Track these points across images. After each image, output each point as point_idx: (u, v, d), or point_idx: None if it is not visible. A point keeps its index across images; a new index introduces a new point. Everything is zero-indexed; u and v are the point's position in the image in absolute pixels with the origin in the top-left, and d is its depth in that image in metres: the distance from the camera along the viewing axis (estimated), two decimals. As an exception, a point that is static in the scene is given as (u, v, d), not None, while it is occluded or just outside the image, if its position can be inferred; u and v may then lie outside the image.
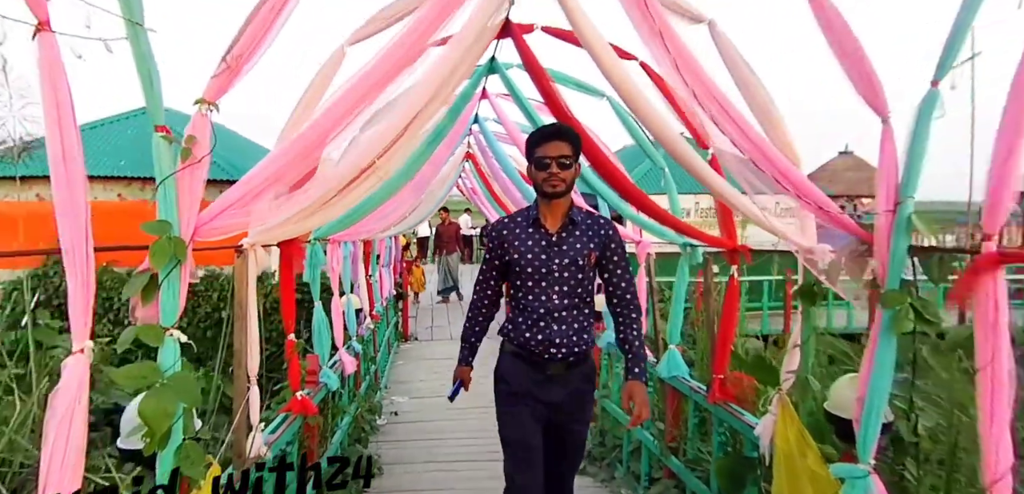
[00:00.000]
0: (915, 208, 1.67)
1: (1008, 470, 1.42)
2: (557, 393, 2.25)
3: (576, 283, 2.24)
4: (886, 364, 1.74)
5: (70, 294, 1.19)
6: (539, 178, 2.21)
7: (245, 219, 1.60)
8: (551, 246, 2.23)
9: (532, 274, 2.23)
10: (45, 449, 1.13)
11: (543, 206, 2.26)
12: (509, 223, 2.33)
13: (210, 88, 1.44)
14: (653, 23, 1.69)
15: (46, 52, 1.18)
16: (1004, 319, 1.47)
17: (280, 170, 1.51)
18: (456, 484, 3.97)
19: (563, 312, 2.23)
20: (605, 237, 2.28)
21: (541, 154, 2.19)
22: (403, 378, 7.07)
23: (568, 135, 2.23)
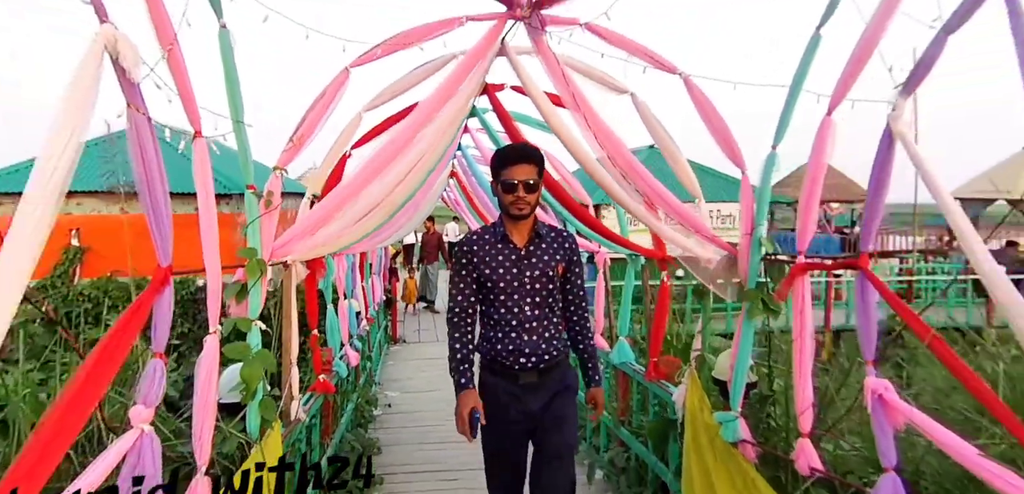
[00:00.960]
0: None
1: (809, 405, 2.17)
2: (533, 402, 2.29)
3: (547, 294, 2.32)
4: (748, 341, 2.50)
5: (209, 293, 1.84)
6: (506, 200, 2.25)
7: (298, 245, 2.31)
8: (521, 260, 2.30)
9: (504, 288, 2.29)
10: (196, 399, 1.80)
11: (509, 223, 2.32)
12: (478, 240, 2.36)
13: (282, 158, 2.15)
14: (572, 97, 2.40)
15: (139, 131, 1.73)
16: (809, 308, 2.23)
17: (326, 213, 2.20)
18: (446, 461, 4.66)
19: (533, 322, 2.29)
20: (570, 250, 2.40)
21: (508, 176, 2.23)
22: (394, 376, 7.74)
23: (533, 156, 2.28)
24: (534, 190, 2.26)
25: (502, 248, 2.31)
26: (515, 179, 2.22)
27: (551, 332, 2.34)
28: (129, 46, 1.40)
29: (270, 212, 2.12)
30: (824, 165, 2.17)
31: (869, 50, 1.93)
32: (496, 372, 2.33)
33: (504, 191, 2.25)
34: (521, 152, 2.31)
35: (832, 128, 2.12)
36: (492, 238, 2.34)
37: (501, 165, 2.28)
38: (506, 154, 2.31)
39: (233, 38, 1.90)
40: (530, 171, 2.24)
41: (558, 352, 2.35)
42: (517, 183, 2.22)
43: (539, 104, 2.71)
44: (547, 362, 2.30)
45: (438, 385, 7.16)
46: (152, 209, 1.54)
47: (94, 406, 1.40)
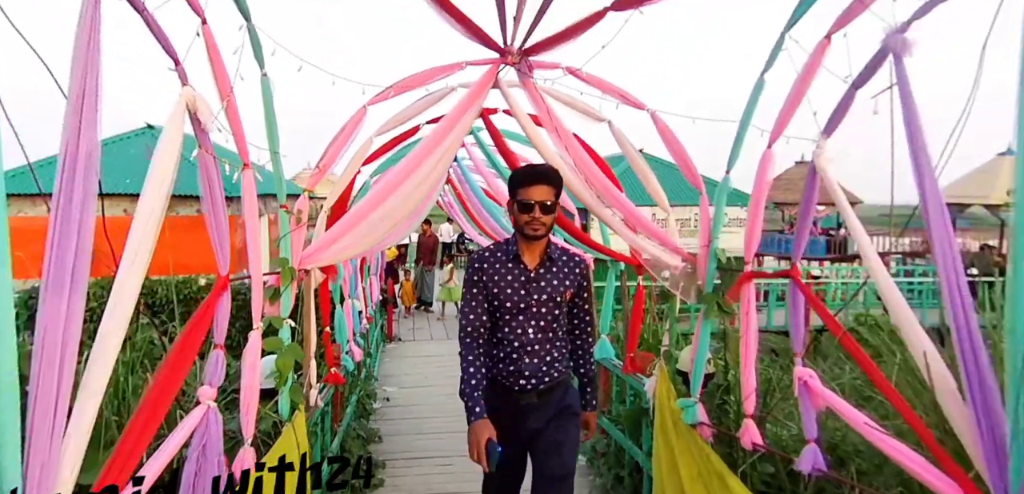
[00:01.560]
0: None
1: (752, 391, 2.59)
2: (533, 421, 2.29)
3: (552, 318, 2.30)
4: (705, 338, 2.91)
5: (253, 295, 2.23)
6: (522, 221, 2.23)
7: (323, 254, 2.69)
8: (530, 282, 2.28)
9: (511, 308, 2.27)
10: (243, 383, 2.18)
11: (522, 243, 2.30)
12: (490, 257, 2.34)
13: (309, 181, 2.54)
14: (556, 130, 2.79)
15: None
16: (753, 309, 2.64)
17: (349, 225, 2.59)
18: (442, 448, 5.06)
19: (536, 345, 2.28)
20: (580, 275, 2.38)
21: (525, 197, 2.21)
22: (390, 372, 8.13)
23: (551, 178, 2.25)
24: (550, 212, 2.23)
25: (512, 268, 2.29)
26: (532, 200, 2.20)
27: (553, 355, 2.32)
28: (204, 104, 1.79)
29: (299, 228, 2.51)
30: (766, 189, 2.58)
31: (799, 98, 2.34)
32: (496, 391, 2.31)
33: (520, 211, 2.22)
34: (539, 173, 2.27)
35: (772, 159, 2.54)
36: (504, 257, 2.32)
37: (518, 185, 2.24)
38: (524, 174, 2.27)
39: (273, 84, 2.29)
40: (548, 193, 2.22)
41: (559, 374, 2.34)
42: (534, 204, 2.20)
43: (526, 128, 3.08)
44: (547, 384, 2.30)
45: (433, 381, 7.57)
46: (216, 230, 1.93)
47: (179, 387, 1.78)
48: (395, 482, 4.38)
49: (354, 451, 4.46)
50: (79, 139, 1.33)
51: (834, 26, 2.19)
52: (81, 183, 1.30)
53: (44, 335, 1.26)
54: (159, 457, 1.67)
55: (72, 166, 1.30)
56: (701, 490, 2.72)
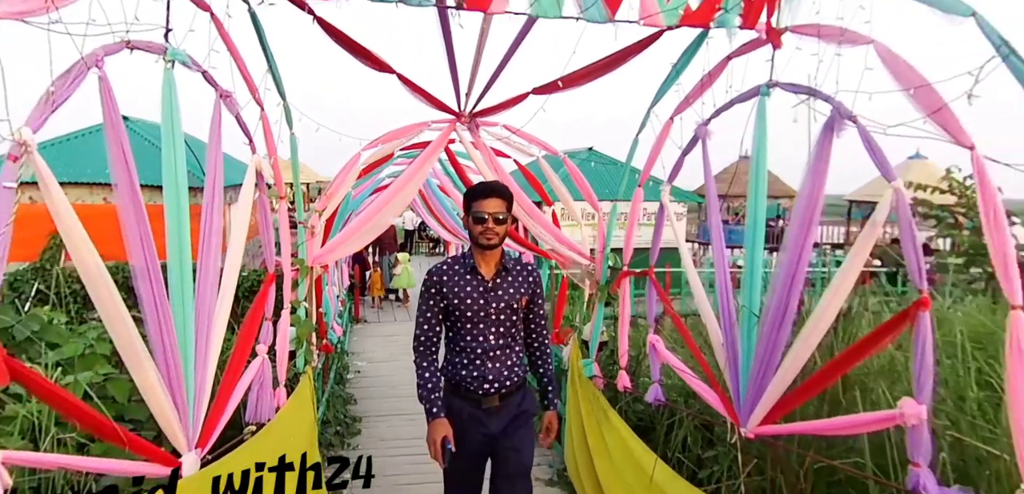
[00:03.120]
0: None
1: (626, 351, 3.79)
2: (495, 424, 2.43)
3: (511, 324, 2.45)
4: (600, 316, 4.11)
5: (285, 283, 3.28)
6: (476, 231, 2.39)
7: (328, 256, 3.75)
8: (487, 292, 2.42)
9: (471, 317, 2.40)
10: (279, 342, 3.23)
11: (478, 255, 2.44)
12: (447, 271, 2.47)
13: (318, 204, 3.58)
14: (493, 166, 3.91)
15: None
16: (627, 297, 3.84)
17: (349, 233, 3.64)
18: (408, 407, 6.15)
19: (497, 351, 2.42)
20: (533, 283, 2.54)
21: (478, 209, 2.38)
22: (359, 349, 9.15)
23: (503, 193, 2.42)
24: (503, 223, 2.40)
25: (470, 279, 2.44)
26: (486, 212, 2.37)
27: (513, 360, 2.48)
28: (267, 166, 2.83)
29: (313, 238, 3.57)
30: (637, 216, 3.75)
31: (654, 158, 3.52)
32: (461, 396, 2.45)
33: (474, 223, 2.39)
34: (492, 188, 2.45)
35: (640, 197, 3.73)
36: (461, 270, 2.47)
37: (473, 199, 2.42)
38: (478, 189, 2.45)
39: (297, 141, 3.33)
40: (500, 206, 2.39)
41: (518, 378, 2.50)
42: (487, 216, 2.37)
43: (474, 159, 4.24)
44: (508, 388, 2.45)
45: (397, 356, 8.63)
46: (266, 246, 2.98)
47: (251, 346, 2.83)
48: (369, 432, 5.47)
49: (338, 408, 5.52)
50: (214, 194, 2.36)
51: (674, 112, 3.35)
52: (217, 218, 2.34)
53: (199, 312, 2.30)
54: (243, 382, 2.72)
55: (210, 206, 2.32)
56: (593, 424, 3.92)
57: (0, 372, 1.49)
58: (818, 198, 2.46)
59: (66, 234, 1.76)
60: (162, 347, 2.02)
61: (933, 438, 2.08)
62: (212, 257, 2.31)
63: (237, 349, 2.71)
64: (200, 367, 2.22)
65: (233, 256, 2.59)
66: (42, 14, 1.53)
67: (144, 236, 1.99)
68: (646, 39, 2.80)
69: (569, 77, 3.06)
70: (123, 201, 1.96)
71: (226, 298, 2.46)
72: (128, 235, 1.97)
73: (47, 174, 1.66)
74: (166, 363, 2.04)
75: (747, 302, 2.73)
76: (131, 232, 1.96)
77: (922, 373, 2.06)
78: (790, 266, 2.50)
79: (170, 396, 2.05)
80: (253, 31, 2.69)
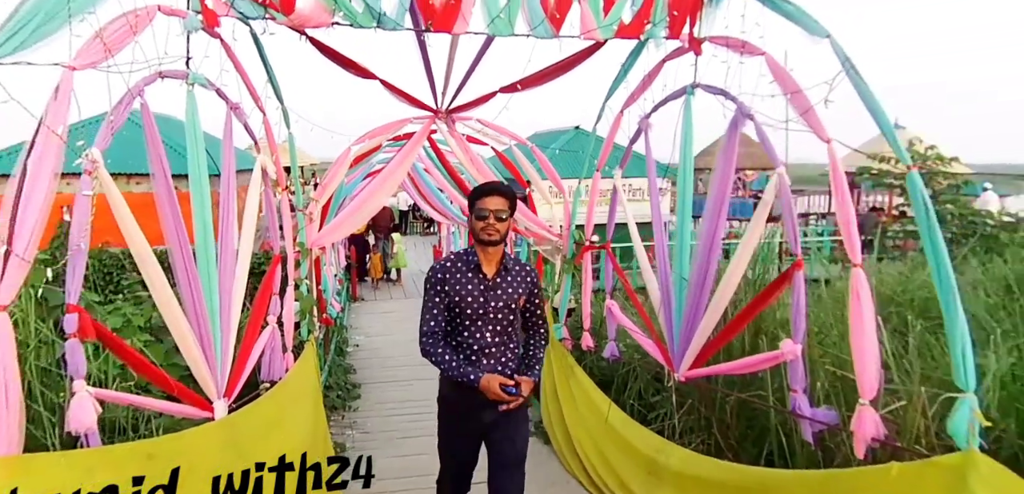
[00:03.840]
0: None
1: (588, 314, 4.34)
2: (488, 416, 2.47)
3: (508, 323, 2.51)
4: (567, 286, 4.65)
5: (289, 266, 3.80)
6: (478, 227, 2.45)
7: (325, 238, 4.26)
8: (488, 289, 2.47)
9: (470, 314, 2.46)
10: (285, 313, 3.77)
11: (481, 252, 2.49)
12: (450, 268, 2.53)
13: (317, 193, 4.09)
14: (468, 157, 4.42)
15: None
16: (589, 269, 4.38)
17: (344, 217, 4.14)
18: (402, 375, 6.73)
19: (493, 348, 2.48)
20: (531, 283, 2.60)
21: (481, 206, 2.45)
22: (356, 324, 9.72)
23: (505, 192, 2.49)
24: (504, 220, 2.46)
25: (472, 277, 2.50)
26: (487, 209, 2.45)
27: (508, 356, 2.55)
28: (271, 166, 3.34)
29: (311, 224, 4.09)
30: (595, 198, 4.27)
31: (609, 147, 4.02)
32: (457, 388, 2.48)
33: (477, 219, 2.46)
34: (494, 187, 2.54)
35: (598, 180, 4.24)
36: (464, 267, 2.52)
37: (476, 197, 2.50)
38: (481, 188, 2.54)
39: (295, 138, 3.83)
40: (502, 204, 2.46)
41: (513, 373, 2.55)
42: (489, 212, 2.44)
43: (454, 148, 4.76)
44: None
45: (391, 331, 9.20)
46: (272, 231, 3.49)
47: (263, 317, 3.35)
48: (368, 397, 6.04)
49: (339, 375, 6.09)
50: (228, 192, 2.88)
51: (623, 107, 3.85)
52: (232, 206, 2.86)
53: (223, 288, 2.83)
54: (257, 347, 3.26)
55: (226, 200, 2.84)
56: (563, 379, 4.48)
57: (87, 330, 2.02)
58: (728, 181, 2.99)
59: (122, 225, 2.27)
60: (195, 315, 2.55)
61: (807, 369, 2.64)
62: (230, 241, 2.83)
63: (252, 319, 3.24)
64: (224, 332, 2.75)
65: (246, 241, 3.11)
66: (103, 61, 2.03)
67: (179, 228, 2.51)
68: (589, 48, 3.30)
69: (527, 80, 3.55)
70: (161, 199, 2.48)
71: (242, 275, 3.00)
72: (166, 227, 2.49)
73: (109, 181, 2.17)
74: (198, 328, 2.57)
75: (678, 269, 3.27)
76: (168, 225, 2.49)
77: (797, 319, 2.61)
78: (708, 238, 3.04)
79: (203, 354, 2.59)
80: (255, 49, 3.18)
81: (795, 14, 2.51)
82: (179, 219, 2.51)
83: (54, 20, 1.78)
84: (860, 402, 2.32)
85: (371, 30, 2.85)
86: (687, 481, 3.08)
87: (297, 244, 4.03)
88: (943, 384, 2.45)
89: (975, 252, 7.96)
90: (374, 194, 4.22)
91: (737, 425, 3.38)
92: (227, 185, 2.88)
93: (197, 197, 2.62)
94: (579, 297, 4.80)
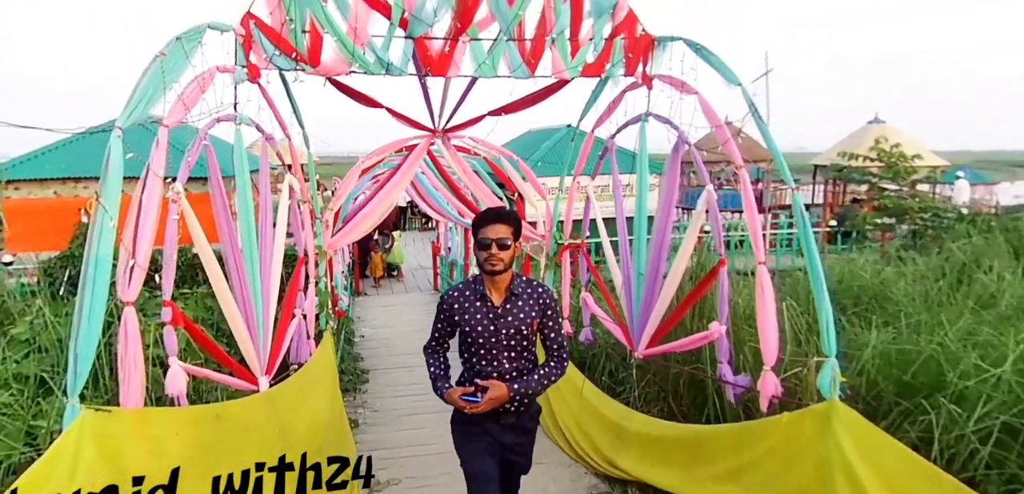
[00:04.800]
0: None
1: (567, 303, 5.03)
2: (509, 436, 2.50)
3: (522, 348, 2.46)
4: (551, 280, 5.33)
5: (310, 266, 4.48)
6: (481, 257, 2.42)
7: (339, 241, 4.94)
8: (497, 318, 2.42)
9: (483, 343, 2.43)
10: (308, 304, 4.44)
11: (487, 280, 2.46)
12: (458, 296, 2.51)
13: (332, 203, 4.75)
14: (462, 169, 5.10)
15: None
16: (567, 264, 5.06)
17: (355, 223, 4.81)
18: (407, 360, 7.41)
19: (513, 374, 2.43)
20: (543, 304, 2.50)
21: (483, 235, 2.40)
22: (360, 317, 10.41)
23: (507, 218, 2.45)
24: (507, 248, 2.40)
25: (480, 305, 2.46)
26: (489, 237, 2.39)
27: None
28: (297, 184, 4.01)
29: (327, 229, 4.76)
30: (573, 201, 4.94)
31: (582, 163, 4.70)
32: (480, 414, 2.43)
33: (479, 248, 2.42)
34: (496, 214, 2.49)
35: (575, 188, 4.91)
36: (472, 295, 2.49)
37: (478, 225, 2.45)
38: (483, 216, 2.49)
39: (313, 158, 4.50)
40: (504, 231, 2.40)
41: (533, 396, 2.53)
42: (491, 241, 2.38)
43: (449, 161, 5.44)
44: (525, 406, 2.51)
45: (393, 323, 9.90)
46: (297, 237, 4.17)
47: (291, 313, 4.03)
48: (375, 381, 6.74)
49: (349, 363, 6.78)
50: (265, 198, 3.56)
51: (592, 129, 4.51)
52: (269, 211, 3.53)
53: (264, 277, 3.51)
54: (288, 334, 3.94)
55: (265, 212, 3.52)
56: (546, 360, 5.17)
57: (177, 319, 2.70)
58: (673, 192, 3.68)
59: (194, 236, 2.93)
60: (243, 304, 3.23)
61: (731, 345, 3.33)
62: (268, 247, 3.52)
63: (284, 311, 3.92)
64: (265, 320, 3.44)
65: (278, 247, 3.79)
66: (185, 116, 2.70)
67: (231, 236, 3.19)
68: (559, 83, 3.96)
69: (508, 106, 4.22)
70: (218, 213, 3.16)
71: (276, 274, 3.68)
72: (222, 235, 3.17)
73: (188, 208, 2.84)
74: (246, 316, 3.25)
75: (636, 265, 3.96)
76: (224, 233, 3.17)
77: (722, 306, 3.30)
78: (658, 237, 3.74)
79: (251, 340, 3.27)
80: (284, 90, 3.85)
81: (716, 64, 3.19)
82: (232, 230, 3.19)
83: (157, 91, 2.45)
84: (764, 368, 3.01)
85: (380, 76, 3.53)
86: (645, 441, 3.78)
87: (316, 247, 4.71)
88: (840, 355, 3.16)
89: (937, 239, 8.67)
90: (381, 202, 4.90)
91: (687, 394, 4.07)
92: (265, 201, 3.55)
93: (243, 213, 3.30)
94: (560, 290, 5.49)
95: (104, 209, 2.13)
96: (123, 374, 2.29)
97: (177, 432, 2.57)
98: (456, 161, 4.97)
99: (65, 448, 1.92)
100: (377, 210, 4.94)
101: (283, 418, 3.46)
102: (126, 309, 2.31)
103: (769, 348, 2.99)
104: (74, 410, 1.98)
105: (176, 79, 2.64)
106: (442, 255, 12.81)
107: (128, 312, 2.31)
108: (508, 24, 3.52)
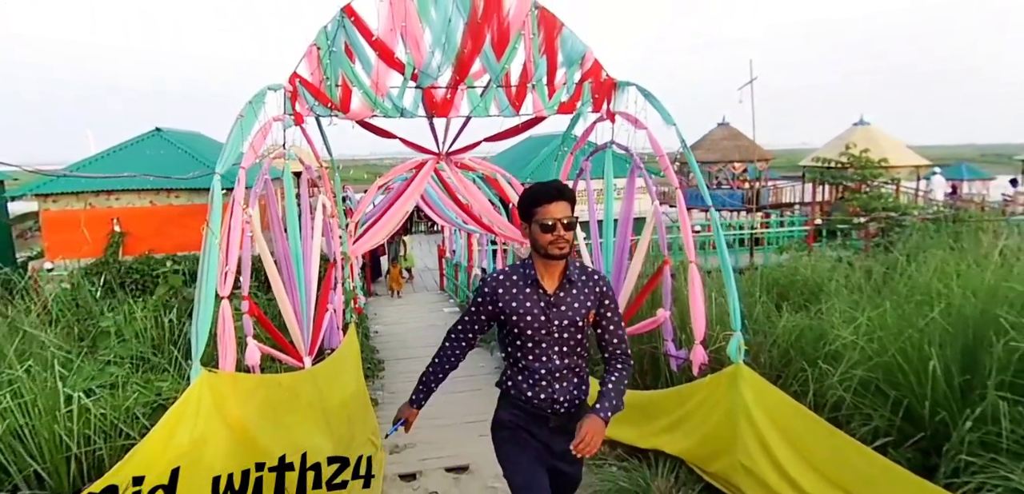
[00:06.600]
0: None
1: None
2: (559, 441, 2.26)
3: (575, 342, 2.24)
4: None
5: (338, 268, 5.41)
6: (544, 241, 2.15)
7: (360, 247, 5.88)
8: (549, 306, 2.21)
9: (532, 335, 2.21)
10: (335, 298, 5.38)
11: (540, 265, 2.23)
12: (504, 281, 2.27)
13: (354, 217, 5.68)
14: (464, 186, 6.03)
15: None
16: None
17: (375, 230, 5.74)
18: (418, 352, 8.35)
19: (565, 370, 2.23)
20: (600, 294, 2.27)
21: (544, 217, 2.14)
22: (373, 315, 11.37)
23: (567, 194, 2.20)
24: (571, 228, 2.18)
25: (530, 293, 2.23)
26: (553, 218, 2.15)
27: (580, 377, 2.31)
28: (329, 203, 4.95)
29: (350, 235, 5.70)
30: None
31: (565, 175, 5.61)
32: (528, 413, 2.28)
33: (541, 231, 2.16)
34: (557, 190, 2.21)
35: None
36: (521, 281, 2.26)
37: (534, 203, 2.19)
38: (539, 192, 2.21)
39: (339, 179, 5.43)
40: (566, 209, 2.17)
41: (585, 395, 2.34)
42: (554, 222, 2.15)
43: (453, 177, 6.38)
44: (577, 407, 2.29)
45: (404, 320, 10.85)
46: (328, 245, 5.11)
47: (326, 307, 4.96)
48: (391, 370, 7.68)
49: (367, 353, 7.73)
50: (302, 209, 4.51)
51: (571, 152, 5.42)
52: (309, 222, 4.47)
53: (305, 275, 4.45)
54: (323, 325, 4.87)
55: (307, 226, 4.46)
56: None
57: (253, 309, 3.65)
58: (631, 209, 4.60)
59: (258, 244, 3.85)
60: (292, 298, 4.17)
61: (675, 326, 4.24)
62: (309, 252, 4.47)
63: (320, 305, 4.87)
64: (308, 313, 4.39)
65: (315, 252, 4.74)
66: (256, 160, 3.64)
67: (283, 246, 4.13)
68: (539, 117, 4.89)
69: (500, 134, 5.15)
70: (275, 232, 4.09)
71: (314, 275, 4.62)
72: (276, 246, 4.12)
73: (258, 229, 3.78)
74: (294, 308, 4.19)
75: (605, 262, 4.88)
76: (278, 245, 4.11)
77: (666, 297, 4.22)
78: (620, 241, 4.67)
79: (299, 326, 4.21)
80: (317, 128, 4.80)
81: (657, 106, 4.10)
82: (285, 241, 4.14)
83: (238, 144, 3.39)
84: (694, 343, 3.93)
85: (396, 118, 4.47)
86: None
87: (342, 253, 5.66)
88: (755, 331, 4.08)
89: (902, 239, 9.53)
90: (394, 215, 5.84)
91: (649, 369, 4.98)
92: (308, 217, 4.49)
93: (291, 225, 4.24)
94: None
95: (212, 232, 3.05)
96: (221, 348, 3.22)
97: (255, 391, 3.50)
98: (458, 179, 5.90)
99: (193, 395, 2.82)
100: (390, 222, 5.88)
101: (322, 390, 4.39)
102: (222, 301, 3.23)
103: (698, 327, 3.90)
104: (197, 370, 2.89)
105: (249, 131, 3.58)
106: (447, 257, 13.76)
107: (224, 304, 3.24)
108: (497, 74, 4.45)
